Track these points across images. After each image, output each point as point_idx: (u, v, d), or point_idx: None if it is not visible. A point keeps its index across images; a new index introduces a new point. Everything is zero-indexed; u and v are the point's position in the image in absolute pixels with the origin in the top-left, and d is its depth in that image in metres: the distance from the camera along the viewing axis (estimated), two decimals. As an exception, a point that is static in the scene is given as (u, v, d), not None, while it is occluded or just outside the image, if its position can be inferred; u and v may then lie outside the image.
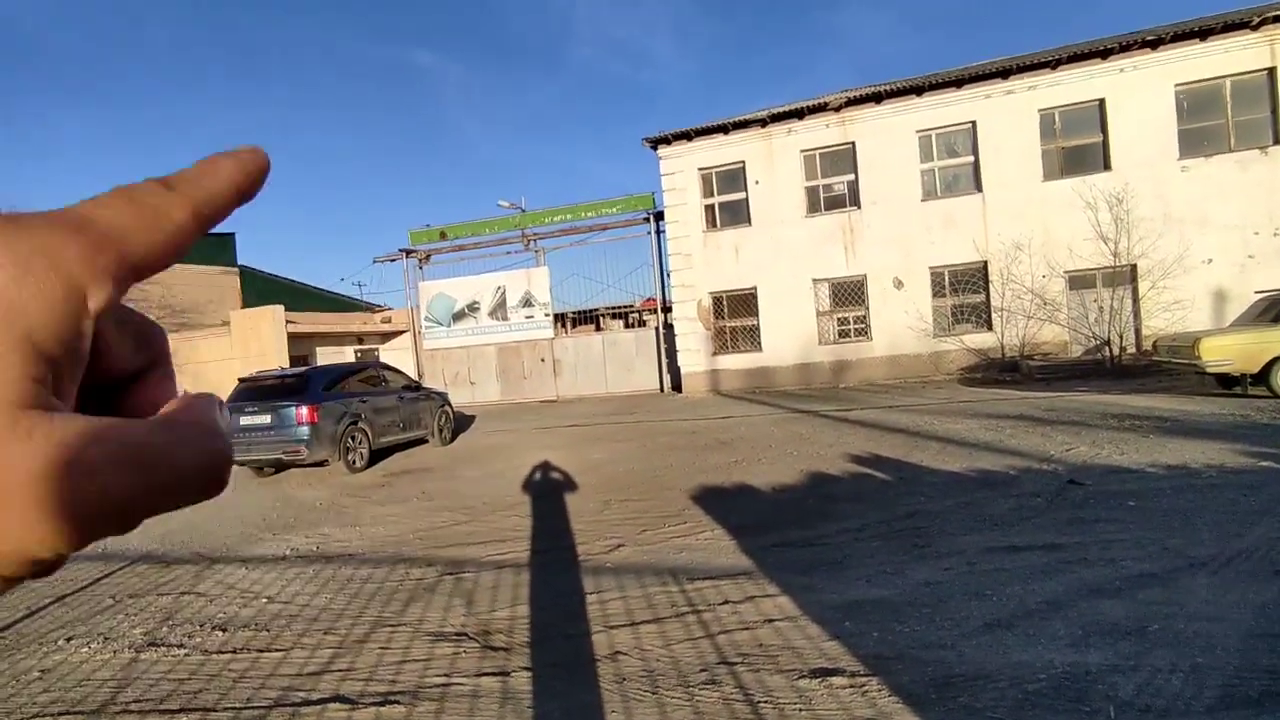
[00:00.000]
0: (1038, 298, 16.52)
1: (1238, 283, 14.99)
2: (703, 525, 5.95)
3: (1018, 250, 16.54)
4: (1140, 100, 15.88)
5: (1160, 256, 15.46)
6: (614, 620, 4.08)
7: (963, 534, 5.11)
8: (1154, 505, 5.41)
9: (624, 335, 22.66)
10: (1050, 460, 7.23)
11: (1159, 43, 15.58)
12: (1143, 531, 4.84)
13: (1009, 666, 3.19)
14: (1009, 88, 16.78)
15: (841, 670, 3.28)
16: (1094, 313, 15.99)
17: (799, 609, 4.02)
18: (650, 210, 21.73)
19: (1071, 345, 16.40)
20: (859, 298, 18.24)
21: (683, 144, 19.50)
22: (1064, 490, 6.06)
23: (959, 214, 17.21)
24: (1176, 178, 15.65)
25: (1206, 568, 4.09)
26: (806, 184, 18.66)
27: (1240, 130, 15.50)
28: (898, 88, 17.51)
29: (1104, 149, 16.30)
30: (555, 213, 23.29)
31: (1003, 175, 16.86)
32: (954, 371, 17.18)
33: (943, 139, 17.62)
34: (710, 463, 8.75)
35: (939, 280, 17.60)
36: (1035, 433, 8.81)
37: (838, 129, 18.18)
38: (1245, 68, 15.31)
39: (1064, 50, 16.79)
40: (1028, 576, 4.22)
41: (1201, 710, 2.73)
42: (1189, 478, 6.10)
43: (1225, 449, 7.01)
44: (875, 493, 6.57)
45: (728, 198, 19.52)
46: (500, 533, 6.30)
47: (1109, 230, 15.69)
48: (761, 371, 18.93)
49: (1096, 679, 3.02)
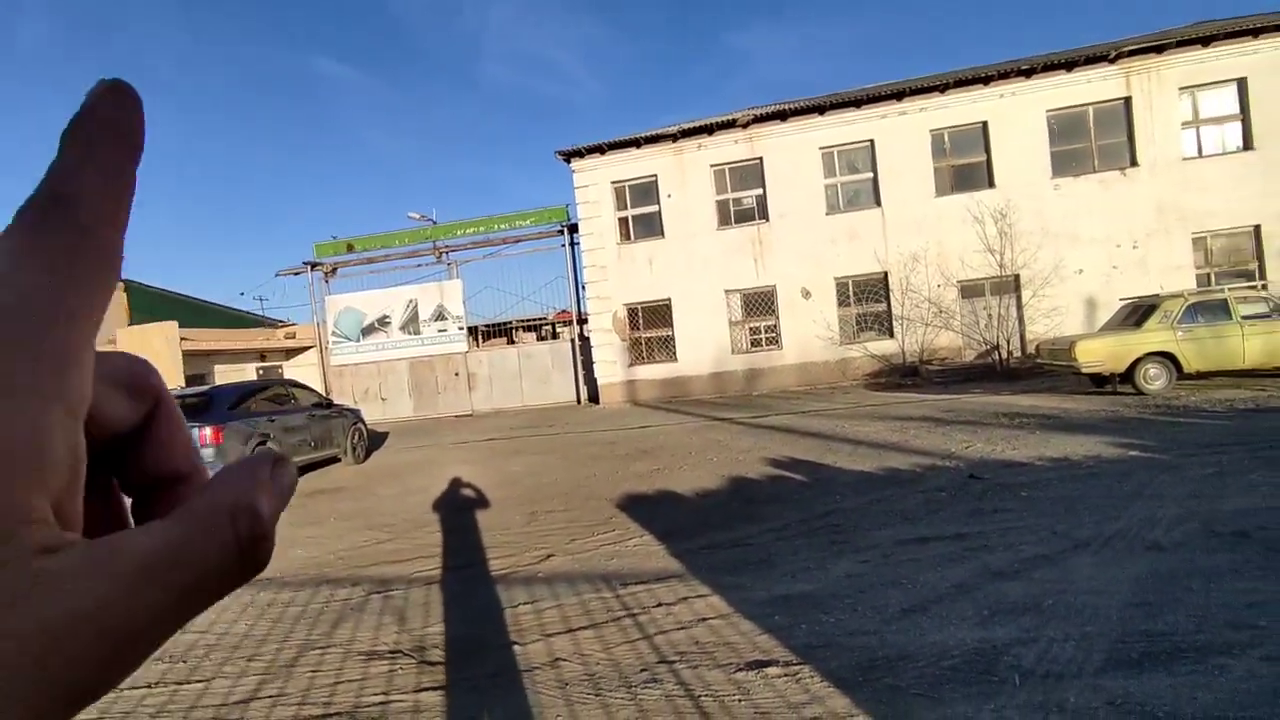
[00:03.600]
0: (934, 306, 17.56)
1: (1105, 291, 16.41)
2: (631, 532, 6.05)
3: (915, 261, 17.54)
4: (1018, 124, 17.20)
5: (1039, 267, 16.76)
6: (551, 628, 4.12)
7: (877, 529, 5.42)
8: (1043, 494, 5.90)
9: (539, 348, 22.56)
10: (952, 457, 7.74)
11: (1032, 71, 16.95)
12: (1035, 518, 5.27)
13: (926, 646, 3.44)
14: (903, 109, 17.83)
15: (775, 661, 3.44)
16: (984, 319, 17.14)
17: (730, 607, 4.18)
18: (564, 223, 21.79)
19: (965, 350, 17.50)
20: (769, 308, 18.86)
21: (596, 157, 19.69)
22: (965, 484, 6.50)
23: (861, 227, 18.10)
24: (1051, 195, 17.02)
25: (1089, 548, 4.51)
26: (717, 197, 19.19)
27: (1103, 153, 17.02)
28: (801, 106, 18.30)
29: (988, 168, 17.54)
30: (467, 225, 23.01)
31: (900, 191, 17.87)
32: (860, 377, 18.00)
33: (844, 156, 18.51)
34: (633, 471, 8.87)
35: (844, 290, 18.44)
36: (937, 432, 9.38)
37: (746, 145, 18.80)
38: (1105, 96, 16.85)
39: (951, 75, 18.03)
40: (938, 564, 4.53)
41: (1091, 673, 3.03)
42: (1071, 468, 6.67)
43: (1100, 441, 7.70)
44: (794, 494, 6.86)
45: (641, 210, 19.82)
46: (426, 549, 6.21)
47: (995, 243, 16.88)
48: (677, 381, 19.26)
49: (1002, 652, 3.30)
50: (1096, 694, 2.88)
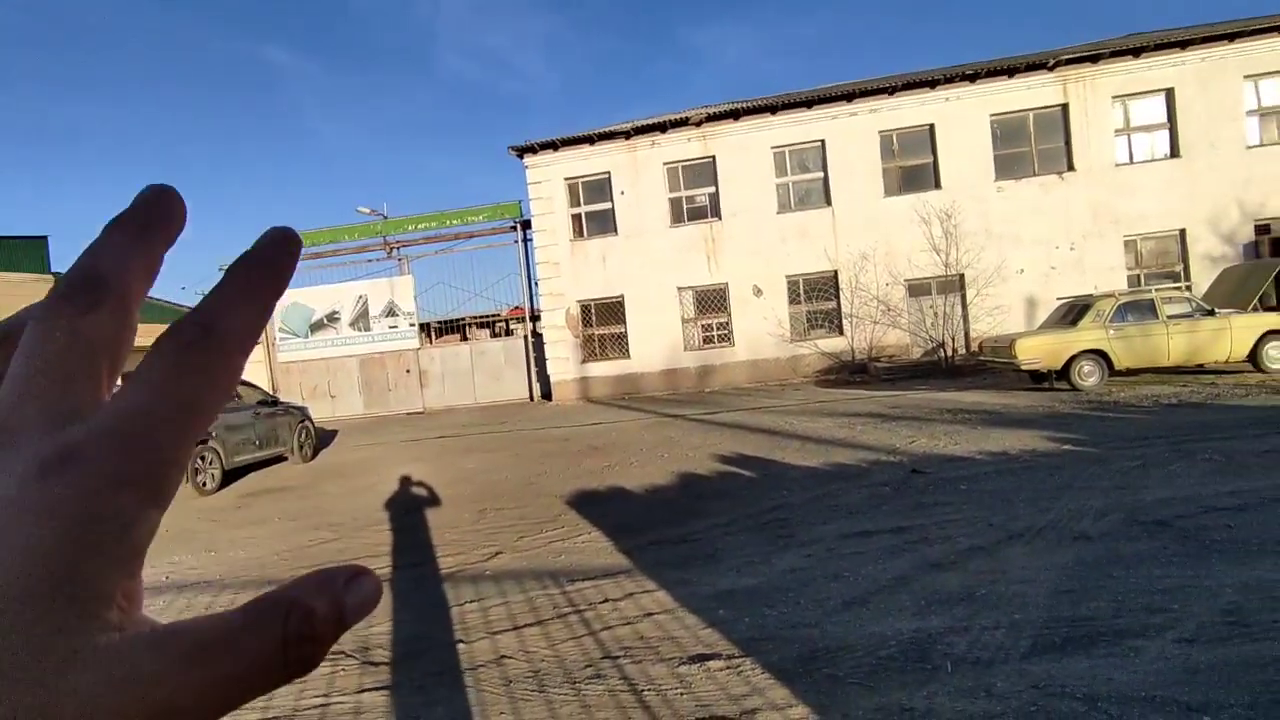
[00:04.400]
0: (882, 304, 17.95)
1: (1044, 290, 17.00)
2: (580, 528, 6.06)
3: (864, 260, 17.90)
4: (963, 127, 17.68)
5: (983, 267, 17.27)
6: (497, 626, 4.11)
7: (822, 523, 5.54)
8: (981, 488, 6.10)
9: (492, 344, 22.36)
10: (896, 452, 7.93)
11: (976, 76, 17.44)
12: (973, 511, 5.45)
13: (865, 637, 3.54)
14: (853, 110, 18.15)
15: (718, 654, 3.50)
16: (930, 318, 17.59)
17: (676, 601, 4.22)
18: (517, 219, 21.62)
19: (912, 348, 17.93)
20: (721, 305, 19.03)
21: (549, 153, 19.59)
22: (908, 479, 6.68)
23: (812, 226, 18.38)
24: (994, 197, 17.55)
25: (1022, 538, 4.69)
26: (670, 195, 19.27)
27: (1042, 158, 17.62)
28: (754, 106, 18.49)
29: (935, 169, 17.99)
30: (419, 220, 22.65)
31: (850, 191, 18.20)
32: (810, 374, 18.30)
33: (795, 155, 18.77)
34: (584, 468, 8.88)
35: (795, 288, 18.71)
36: (883, 428, 9.60)
37: (699, 143, 18.92)
38: (1045, 103, 17.44)
39: (899, 78, 18.43)
40: (879, 557, 4.65)
41: (1018, 658, 3.16)
42: (1008, 462, 6.91)
43: (1036, 436, 7.99)
44: (742, 490, 6.95)
45: (594, 207, 19.79)
46: (373, 548, 6.12)
47: (940, 243, 17.33)
48: (630, 378, 19.31)
49: (936, 640, 3.42)
50: (1022, 678, 3.00)
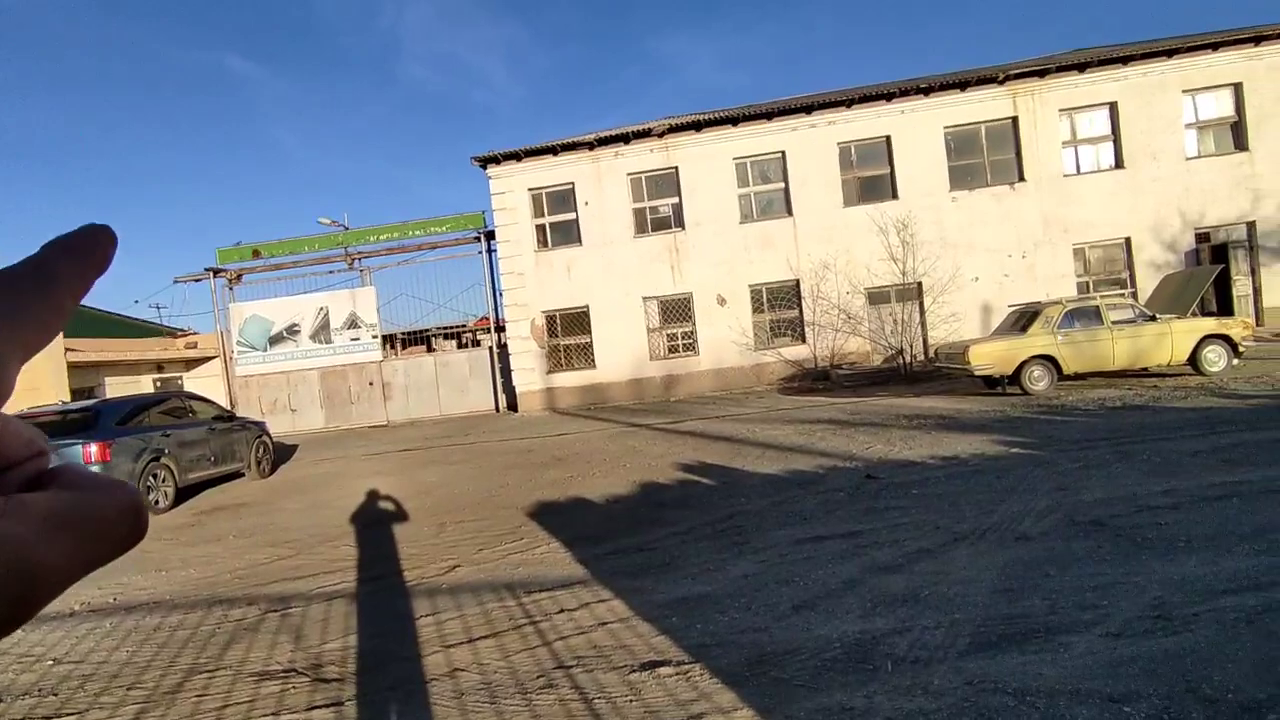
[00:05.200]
0: (843, 312, 18.25)
1: (998, 297, 17.46)
2: (539, 540, 6.09)
3: (825, 269, 18.20)
4: (918, 138, 18.12)
5: (939, 275, 17.67)
6: (451, 639, 4.12)
7: (777, 529, 5.64)
8: (931, 491, 6.26)
9: (457, 356, 22.23)
10: (852, 458, 8.09)
11: (930, 90, 17.89)
12: (922, 514, 5.60)
13: (811, 640, 3.62)
14: (812, 122, 18.49)
15: (668, 661, 3.56)
16: (889, 325, 17.93)
17: (630, 610, 4.28)
18: (481, 229, 21.57)
19: (873, 354, 18.25)
20: (686, 314, 19.18)
21: (512, 164, 19.60)
22: (862, 484, 6.82)
23: (774, 236, 18.65)
24: (949, 207, 17.99)
25: (967, 540, 4.84)
26: (634, 205, 19.40)
27: (994, 169, 18.13)
28: (715, 117, 18.73)
29: (892, 180, 18.39)
30: (381, 231, 22.47)
31: (810, 201, 18.51)
32: (774, 381, 18.51)
33: (757, 166, 19.04)
34: (546, 479, 8.89)
35: (758, 297, 18.94)
36: (841, 435, 9.78)
37: (662, 154, 19.09)
38: (996, 116, 17.96)
39: (856, 91, 18.83)
40: (830, 561, 4.76)
41: (955, 656, 3.27)
42: (958, 466, 7.10)
43: (987, 440, 8.21)
44: (701, 498, 7.04)
45: (558, 218, 19.84)
46: (329, 564, 6.07)
47: (898, 252, 17.70)
48: (596, 388, 19.34)
49: (879, 641, 3.52)
50: (958, 675, 3.11)
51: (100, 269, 0.32)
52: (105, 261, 0.32)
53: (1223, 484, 5.48)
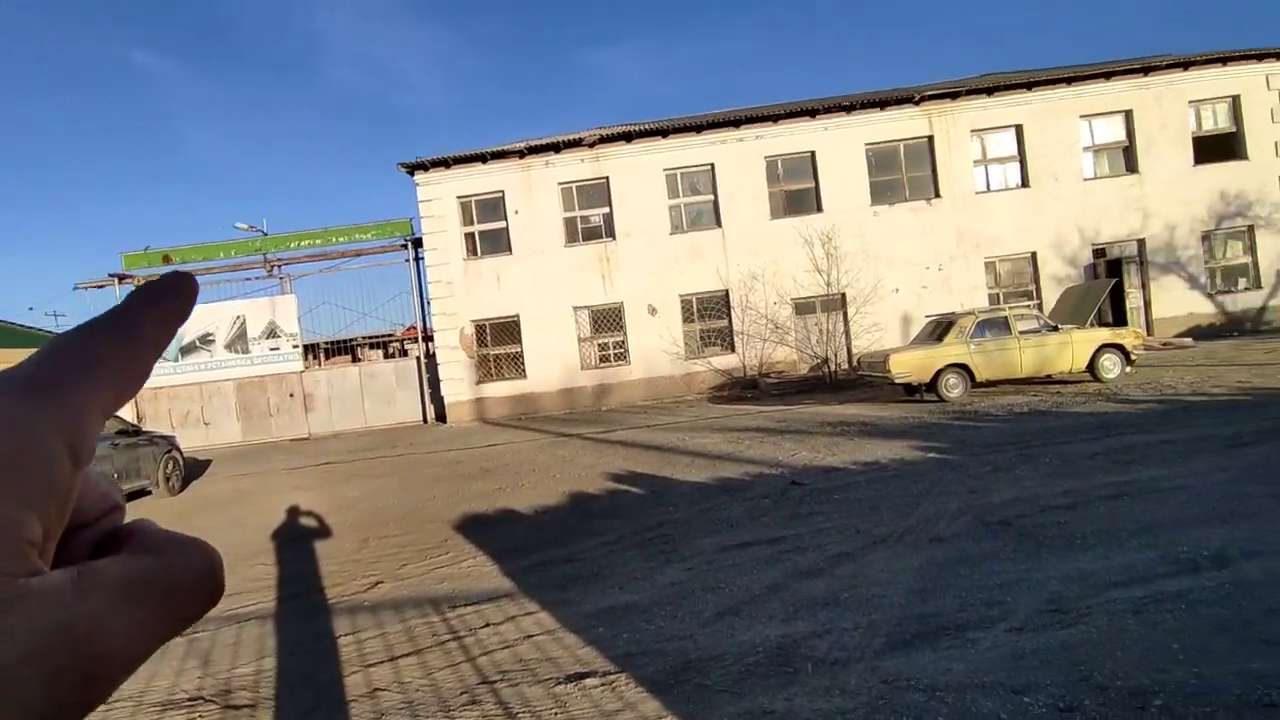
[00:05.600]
0: (771, 322, 18.67)
1: (917, 308, 18.18)
2: (465, 553, 5.99)
3: (754, 280, 18.59)
4: (841, 154, 18.75)
5: (862, 286, 18.29)
6: (372, 658, 4.02)
7: (704, 537, 5.71)
8: (853, 496, 6.46)
9: (383, 366, 21.68)
10: (778, 465, 8.27)
11: (852, 108, 18.56)
12: (843, 519, 5.77)
13: (735, 646, 3.69)
14: (740, 136, 18.89)
15: (594, 672, 3.56)
16: (815, 335, 18.43)
17: (557, 622, 4.26)
18: (409, 236, 21.16)
19: (799, 363, 18.71)
20: (617, 324, 19.25)
21: (441, 171, 19.32)
22: (788, 490, 6.98)
23: (703, 247, 18.94)
24: (870, 221, 18.66)
25: (885, 543, 5.01)
26: (565, 215, 19.39)
27: (912, 185, 18.92)
28: (646, 129, 18.93)
29: (816, 194, 18.95)
30: (303, 237, 21.77)
31: (738, 213, 18.89)
32: (704, 390, 18.75)
33: (687, 178, 19.32)
34: (474, 491, 8.76)
35: (688, 307, 19.18)
36: (768, 442, 9.98)
37: (592, 164, 19.16)
38: (913, 134, 18.77)
39: (783, 107, 19.36)
40: (754, 567, 4.85)
41: (872, 656, 3.39)
42: (879, 471, 7.35)
43: (905, 445, 8.53)
44: (630, 507, 7.07)
45: (488, 226, 19.64)
46: (243, 584, 5.82)
47: (823, 264, 18.23)
48: (527, 398, 19.18)
49: (800, 645, 3.61)
50: (874, 674, 3.22)
51: (182, 318, 0.31)
52: (187, 310, 0.31)
53: (1115, 484, 5.85)
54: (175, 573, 0.25)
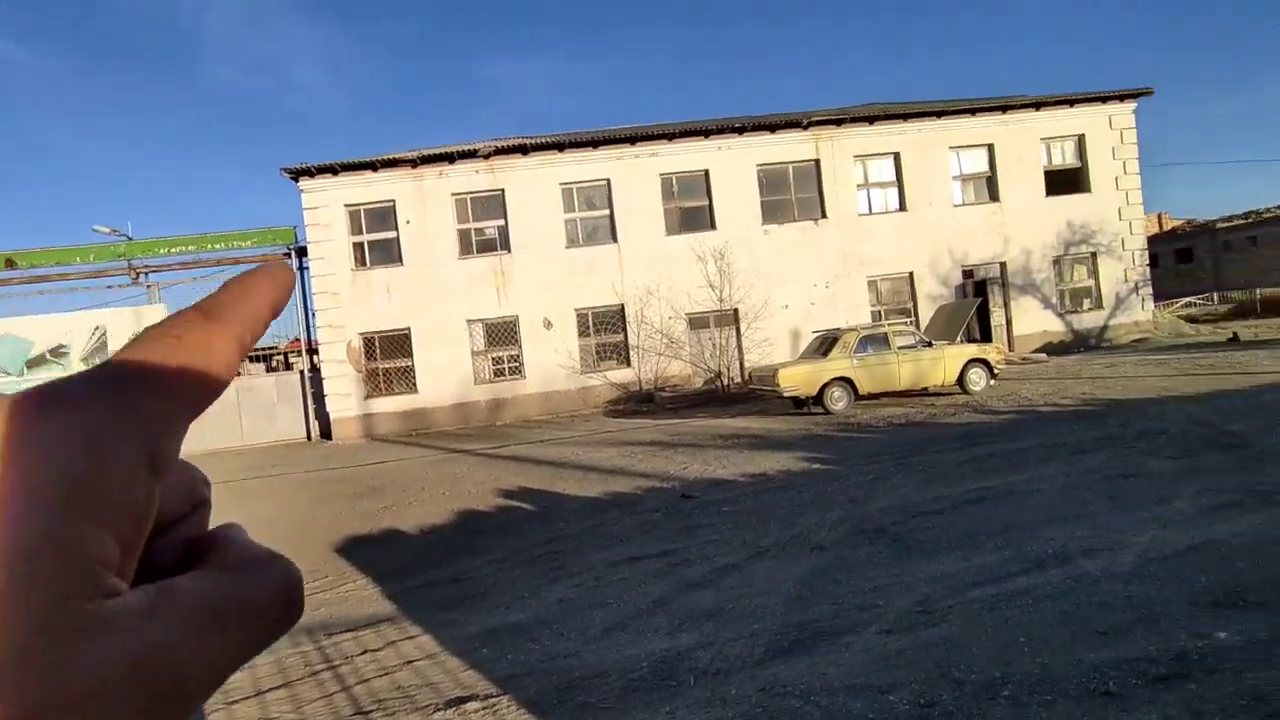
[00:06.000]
0: (666, 337, 18.94)
1: (805, 324, 18.91)
2: (346, 577, 5.72)
3: (649, 295, 18.81)
4: (733, 174, 19.33)
5: (753, 302, 18.86)
6: (236, 694, 3.75)
7: (594, 552, 5.70)
8: (741, 508, 6.62)
9: (264, 380, 20.48)
10: (670, 479, 8.37)
11: (744, 130, 19.20)
12: (731, 531, 5.90)
13: (620, 661, 3.69)
14: (636, 152, 19.15)
15: (476, 695, 3.47)
16: (709, 349, 18.83)
17: (439, 645, 4.13)
18: (292, 245, 20.13)
19: (694, 377, 19.06)
20: (512, 338, 19.01)
21: (328, 178, 18.53)
22: (678, 504, 7.07)
23: (599, 261, 19.01)
24: (761, 239, 19.31)
25: (769, 553, 5.16)
26: (458, 226, 19.01)
27: (800, 205, 19.74)
28: (542, 142, 18.87)
29: (710, 212, 19.44)
30: (173, 243, 20.30)
31: (634, 229, 19.10)
32: (600, 404, 18.77)
33: (583, 193, 19.37)
34: (359, 511, 8.39)
35: (584, 321, 19.18)
36: (661, 456, 10.09)
37: (488, 175, 18.90)
38: (801, 157, 19.60)
39: (678, 125, 19.79)
40: (643, 582, 4.88)
41: (752, 665, 3.47)
42: (766, 483, 7.58)
43: (792, 457, 8.83)
44: (520, 524, 6.96)
45: (378, 236, 18.99)
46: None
47: (716, 280, 18.69)
48: (418, 413, 18.60)
49: (684, 657, 3.65)
50: (754, 683, 3.30)
51: (277, 310, 0.29)
52: (283, 301, 0.29)
53: (978, 489, 6.27)
54: (253, 594, 0.24)
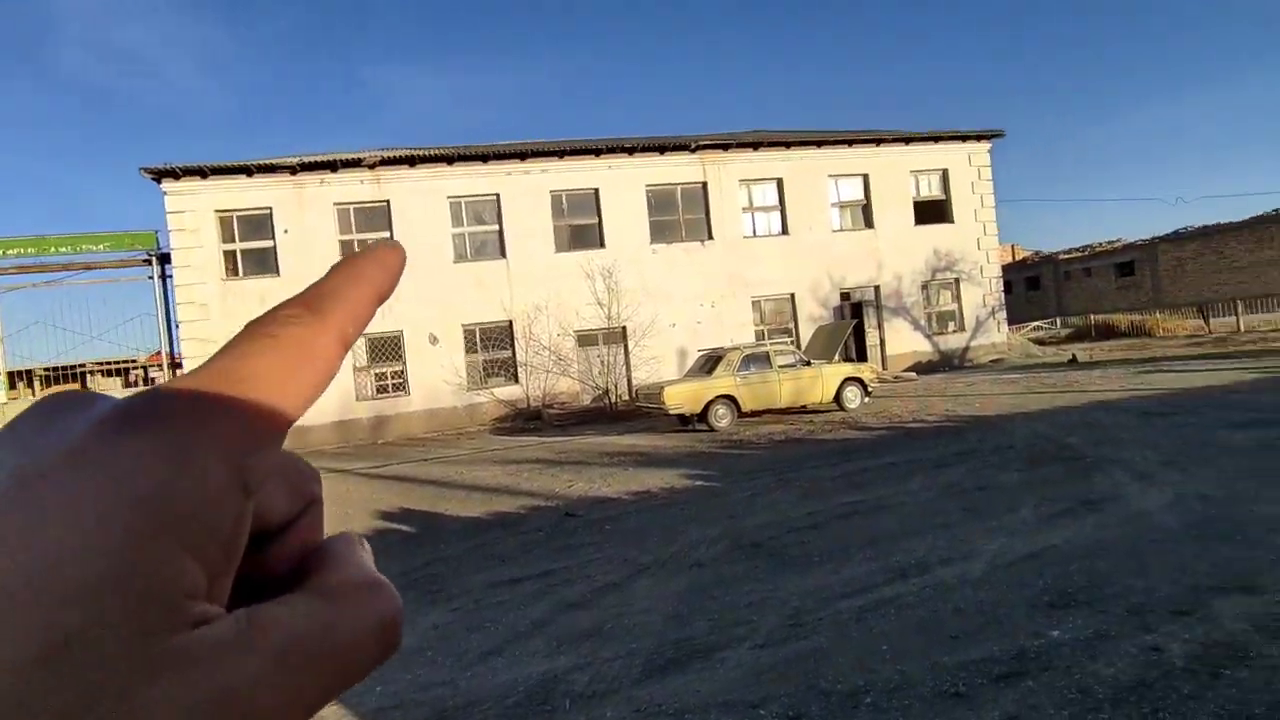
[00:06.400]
0: (554, 354, 18.83)
1: (692, 342, 19.30)
2: (200, 612, 5.29)
3: (538, 312, 18.67)
4: (623, 194, 19.58)
5: (641, 320, 19.10)
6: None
7: (474, 574, 5.55)
8: (623, 526, 6.64)
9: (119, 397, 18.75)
10: (555, 497, 8.30)
11: (634, 150, 19.52)
12: (613, 549, 5.90)
13: (495, 688, 3.59)
14: (526, 169, 19.05)
15: (339, 733, 3.28)
16: (597, 366, 18.87)
17: (302, 681, 3.88)
18: (154, 251, 18.69)
19: (582, 395, 19.03)
20: (396, 353, 18.36)
21: (195, 180, 17.31)
22: (561, 523, 7.01)
23: (488, 277, 18.72)
24: (650, 259, 19.62)
25: (649, 570, 5.20)
26: (341, 237, 18.22)
27: (688, 226, 20.23)
28: (431, 154, 18.44)
29: (600, 230, 19.58)
30: (10, 244, 18.38)
31: (523, 245, 18.95)
32: (487, 422, 18.40)
33: (472, 207, 19.05)
34: (219, 539, 7.80)
35: (471, 337, 18.79)
36: (546, 474, 9.99)
37: (373, 186, 18.26)
38: (689, 179, 20.12)
39: (568, 143, 19.86)
40: (522, 603, 4.79)
41: (629, 685, 3.47)
42: (648, 500, 7.64)
43: (676, 474, 8.96)
44: (399, 546, 6.70)
45: (253, 244, 17.90)
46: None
47: (604, 298, 18.80)
48: (295, 431, 16.72)
49: (561, 680, 3.60)
50: (629, 704, 3.30)
51: (383, 298, 0.26)
52: (390, 288, 0.26)
53: (850, 503, 6.58)
54: (351, 629, 0.21)
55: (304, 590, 0.22)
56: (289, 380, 0.22)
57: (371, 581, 0.23)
